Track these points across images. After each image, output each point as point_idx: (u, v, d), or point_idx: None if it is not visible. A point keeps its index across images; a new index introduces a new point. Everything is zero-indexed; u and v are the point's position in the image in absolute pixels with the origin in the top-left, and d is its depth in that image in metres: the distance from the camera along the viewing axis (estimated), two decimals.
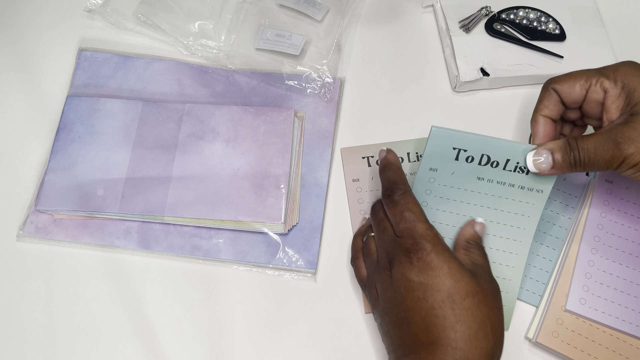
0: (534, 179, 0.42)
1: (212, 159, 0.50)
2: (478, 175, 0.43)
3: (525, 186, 0.43)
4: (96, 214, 0.48)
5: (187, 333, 0.46)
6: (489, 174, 0.43)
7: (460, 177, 0.43)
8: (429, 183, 0.44)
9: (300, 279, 0.48)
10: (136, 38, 0.57)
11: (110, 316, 0.46)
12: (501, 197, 0.43)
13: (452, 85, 0.55)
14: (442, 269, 0.37)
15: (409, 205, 0.39)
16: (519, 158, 0.42)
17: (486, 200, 0.43)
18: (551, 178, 0.42)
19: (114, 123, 0.52)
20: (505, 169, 0.42)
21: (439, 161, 0.43)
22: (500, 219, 0.44)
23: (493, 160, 0.42)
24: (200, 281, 0.48)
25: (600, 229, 0.47)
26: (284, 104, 0.53)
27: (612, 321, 0.44)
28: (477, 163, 0.42)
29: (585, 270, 0.45)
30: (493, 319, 0.37)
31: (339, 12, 0.58)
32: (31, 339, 0.46)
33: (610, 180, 0.48)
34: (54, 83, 0.55)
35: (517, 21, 0.56)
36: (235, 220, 0.48)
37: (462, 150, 0.42)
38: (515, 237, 0.44)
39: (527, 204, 0.43)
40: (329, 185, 0.51)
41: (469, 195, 0.43)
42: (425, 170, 0.43)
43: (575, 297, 0.45)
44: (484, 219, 0.43)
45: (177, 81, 0.55)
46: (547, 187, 0.42)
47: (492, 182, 0.43)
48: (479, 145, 0.42)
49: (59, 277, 0.48)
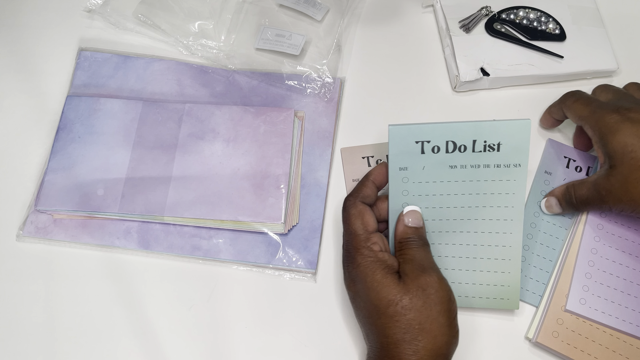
0: (508, 154, 0.41)
1: (212, 159, 0.50)
2: (449, 163, 0.42)
3: (501, 163, 0.41)
4: (96, 214, 0.48)
5: (187, 333, 0.46)
6: (460, 159, 0.41)
7: (432, 170, 0.42)
8: (403, 184, 0.43)
9: (300, 279, 0.48)
10: (136, 38, 0.57)
11: (110, 316, 0.46)
12: (480, 180, 0.42)
13: (452, 85, 0.55)
14: (364, 282, 0.39)
15: (346, 217, 0.42)
16: (485, 136, 0.41)
17: (465, 187, 0.42)
18: (525, 150, 0.41)
19: (114, 123, 0.52)
20: (474, 151, 0.41)
21: (406, 159, 0.42)
22: (486, 202, 0.42)
23: (460, 145, 0.41)
24: (200, 281, 0.48)
25: (600, 229, 0.47)
26: (284, 104, 0.53)
27: (612, 321, 0.44)
28: (445, 151, 0.41)
29: (585, 270, 0.45)
30: (423, 319, 0.37)
31: (339, 12, 0.58)
32: (31, 339, 0.46)
33: None
34: (53, 83, 0.55)
35: (517, 21, 0.56)
36: (235, 220, 0.48)
37: (425, 142, 0.41)
38: (505, 216, 0.43)
39: (508, 182, 0.42)
40: (329, 185, 0.51)
41: (447, 186, 0.42)
42: (395, 171, 0.42)
43: (575, 297, 0.45)
44: (416, 206, 0.43)
45: (177, 81, 0.55)
46: (523, 160, 0.41)
47: (465, 167, 0.42)
48: (440, 132, 0.41)
49: (59, 277, 0.48)
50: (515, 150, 0.41)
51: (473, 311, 0.46)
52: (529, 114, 0.54)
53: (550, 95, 0.55)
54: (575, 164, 0.51)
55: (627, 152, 0.41)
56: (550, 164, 0.51)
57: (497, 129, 0.41)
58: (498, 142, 0.41)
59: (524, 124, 0.40)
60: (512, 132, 0.40)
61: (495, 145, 0.41)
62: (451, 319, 0.39)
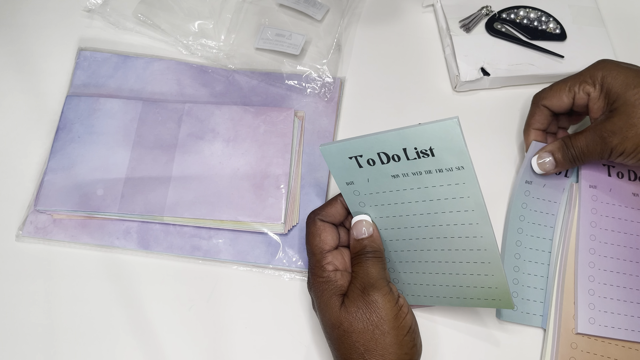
0: (444, 158, 0.37)
1: (212, 159, 0.50)
2: (390, 173, 0.39)
3: (442, 168, 0.38)
4: (96, 214, 0.48)
5: (187, 333, 0.46)
6: (398, 169, 0.39)
7: (377, 181, 0.40)
8: (356, 196, 0.41)
9: (300, 279, 0.48)
10: (136, 38, 0.57)
11: (110, 316, 0.46)
12: (427, 186, 0.39)
13: (452, 85, 0.55)
14: (317, 302, 0.40)
15: (306, 235, 0.42)
16: (414, 143, 0.37)
17: (415, 194, 0.40)
18: (462, 151, 0.37)
19: (114, 123, 0.52)
20: (409, 159, 0.38)
21: (348, 174, 0.40)
22: (441, 207, 0.39)
23: (392, 155, 0.38)
24: (200, 281, 0.48)
25: (592, 240, 0.45)
26: (284, 103, 0.53)
27: (623, 334, 0.43)
28: (380, 163, 0.39)
29: (588, 288, 0.44)
30: (366, 340, 0.37)
31: (339, 12, 0.58)
32: (30, 339, 0.46)
33: (594, 185, 0.47)
34: (53, 83, 0.55)
35: (518, 21, 0.56)
36: (235, 221, 0.48)
37: (358, 156, 0.39)
38: (470, 220, 0.39)
39: (457, 185, 0.38)
40: (329, 185, 0.51)
41: (397, 195, 0.40)
42: (344, 186, 0.41)
43: (584, 318, 0.43)
44: (364, 215, 0.42)
45: (176, 81, 0.54)
46: (464, 161, 0.37)
47: (407, 175, 0.39)
48: (369, 145, 0.39)
49: (59, 277, 0.48)
50: (451, 153, 0.37)
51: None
52: None
53: None
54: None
55: (630, 89, 0.42)
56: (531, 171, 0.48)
57: (424, 134, 0.37)
58: (429, 146, 0.37)
59: (451, 124, 0.36)
60: (441, 135, 0.37)
61: (427, 151, 0.37)
62: (400, 336, 0.37)
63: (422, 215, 0.40)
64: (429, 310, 0.47)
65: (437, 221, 0.40)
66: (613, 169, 0.48)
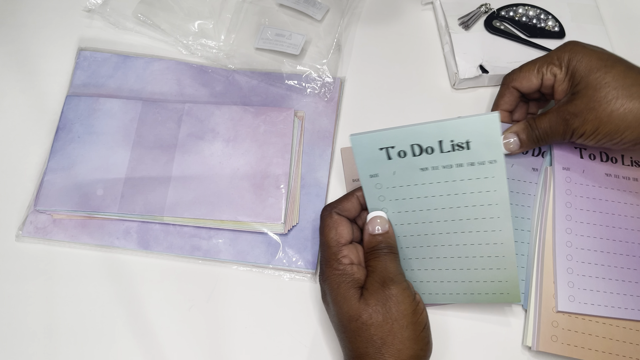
0: (480, 151, 0.38)
1: (212, 159, 0.50)
2: (419, 166, 0.40)
3: (474, 161, 0.39)
4: (95, 214, 0.48)
5: (187, 333, 0.46)
6: (430, 161, 0.39)
7: (404, 174, 0.40)
8: (377, 190, 0.41)
9: (300, 279, 0.48)
10: (136, 38, 0.57)
11: (110, 316, 0.46)
12: (455, 180, 0.40)
13: (451, 82, 0.55)
14: (332, 295, 0.40)
15: (320, 227, 0.42)
16: (451, 136, 0.38)
17: (442, 188, 0.40)
18: (497, 145, 0.38)
19: (114, 123, 0.52)
20: (442, 151, 0.39)
21: (374, 166, 0.40)
22: (466, 201, 0.40)
23: (426, 147, 0.39)
24: (200, 281, 0.48)
25: (568, 220, 0.46)
26: (284, 103, 0.53)
27: (603, 311, 0.44)
28: (412, 155, 0.39)
29: (566, 266, 0.45)
30: (384, 334, 0.37)
31: (339, 12, 0.58)
32: (31, 339, 0.46)
33: (567, 167, 0.48)
34: (53, 83, 0.55)
35: (517, 18, 0.56)
36: (235, 221, 0.48)
37: (390, 147, 0.39)
38: (492, 214, 0.41)
39: (486, 179, 0.39)
40: (329, 185, 0.51)
41: (422, 188, 0.41)
42: (367, 179, 0.41)
43: (563, 296, 0.44)
44: (379, 211, 0.42)
45: (176, 81, 0.54)
46: (498, 155, 0.39)
47: (437, 168, 0.40)
48: (403, 137, 0.39)
49: (59, 277, 0.48)
50: (487, 147, 0.38)
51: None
52: None
53: None
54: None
55: (592, 72, 0.42)
56: None
57: (463, 127, 0.38)
58: (466, 140, 0.38)
59: (491, 118, 0.37)
60: (480, 129, 0.38)
61: (464, 144, 0.38)
62: (417, 332, 0.38)
63: (444, 210, 0.41)
64: None
65: (458, 216, 0.41)
66: (585, 151, 0.49)
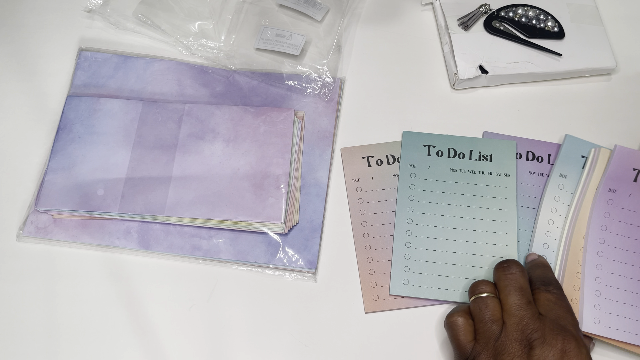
0: (499, 164, 0.50)
1: (212, 159, 0.50)
2: (451, 167, 0.50)
3: (493, 172, 0.50)
4: (96, 214, 0.48)
5: (187, 333, 0.46)
6: (460, 164, 0.50)
7: (437, 170, 0.50)
8: (411, 178, 0.50)
9: (300, 279, 0.48)
10: (136, 38, 0.57)
11: (110, 316, 0.46)
12: (476, 183, 0.49)
13: (451, 82, 0.55)
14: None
15: (564, 299, 0.42)
16: (479, 148, 0.51)
17: (464, 188, 0.49)
18: (512, 164, 0.50)
19: (114, 123, 0.52)
20: (471, 158, 0.50)
21: (415, 158, 0.51)
22: (481, 203, 0.49)
23: (459, 152, 0.51)
24: (200, 281, 0.48)
25: (602, 243, 0.46)
26: (284, 104, 0.53)
27: (627, 337, 0.44)
28: (447, 156, 0.51)
29: (594, 289, 0.45)
30: None
31: (339, 12, 0.58)
32: (31, 339, 0.46)
33: (613, 189, 0.47)
34: (53, 83, 0.55)
35: (516, 19, 0.56)
36: (235, 220, 0.48)
37: (432, 146, 0.51)
38: (500, 218, 0.48)
39: (500, 187, 0.49)
40: (329, 185, 0.51)
41: (448, 185, 0.50)
42: (405, 167, 0.50)
43: (589, 318, 0.44)
44: (536, 254, 0.46)
45: (177, 81, 0.55)
46: (512, 170, 0.50)
47: (464, 171, 0.50)
48: (444, 140, 0.51)
49: (59, 277, 0.48)
50: (505, 163, 0.50)
51: None
52: (527, 111, 0.54)
53: (548, 93, 0.55)
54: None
55: None
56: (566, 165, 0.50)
57: (489, 144, 0.51)
58: (490, 154, 0.51)
59: (510, 144, 0.51)
60: (501, 149, 0.51)
61: (488, 156, 0.51)
62: None
63: (462, 207, 0.49)
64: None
65: (473, 214, 0.49)
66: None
